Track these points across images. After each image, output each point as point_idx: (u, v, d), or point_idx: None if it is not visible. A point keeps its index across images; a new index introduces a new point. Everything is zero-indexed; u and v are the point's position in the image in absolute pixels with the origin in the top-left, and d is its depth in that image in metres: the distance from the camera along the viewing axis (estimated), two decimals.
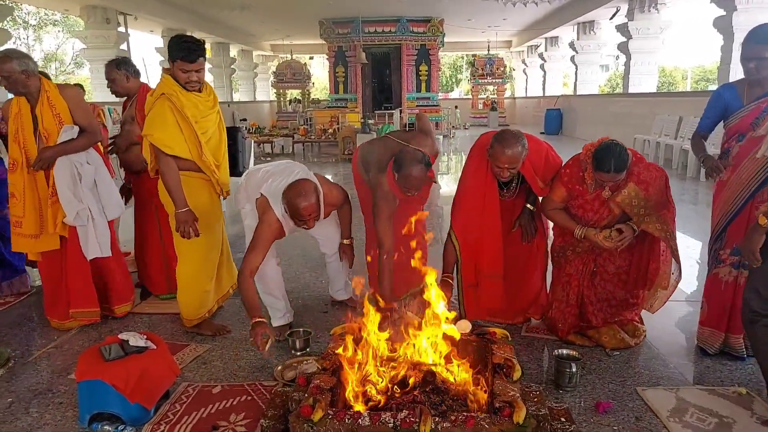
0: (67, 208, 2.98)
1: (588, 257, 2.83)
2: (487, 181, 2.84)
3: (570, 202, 2.78)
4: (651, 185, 2.62)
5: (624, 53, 13.87)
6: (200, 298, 3.08)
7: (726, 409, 2.30)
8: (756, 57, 2.45)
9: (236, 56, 22.55)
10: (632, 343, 2.83)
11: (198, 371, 2.69)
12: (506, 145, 2.63)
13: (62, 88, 3.05)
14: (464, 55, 32.92)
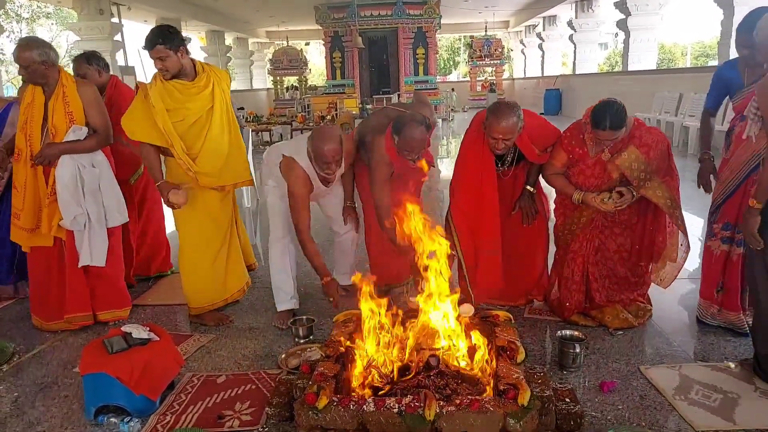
0: (64, 211, 2.88)
1: (592, 233, 2.82)
2: (484, 155, 2.80)
3: (571, 169, 2.76)
4: (652, 149, 2.61)
5: (623, 30, 13.72)
6: (202, 286, 3.07)
7: (730, 384, 2.31)
8: (748, 45, 2.48)
9: (232, 44, 22.37)
10: (635, 323, 2.83)
11: (202, 361, 2.70)
12: (501, 116, 2.60)
13: (80, 85, 2.94)
14: (461, 37, 32.63)
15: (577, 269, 2.86)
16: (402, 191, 2.94)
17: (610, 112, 2.48)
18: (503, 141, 2.64)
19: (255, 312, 3.28)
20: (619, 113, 2.50)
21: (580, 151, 2.71)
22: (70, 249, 2.98)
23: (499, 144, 2.66)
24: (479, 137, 2.81)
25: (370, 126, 3.15)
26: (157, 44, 2.71)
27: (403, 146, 2.77)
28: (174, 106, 2.81)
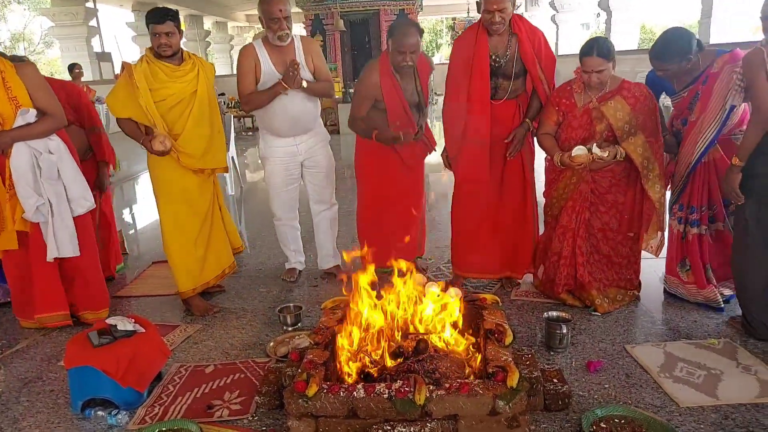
0: (24, 202, 2.68)
1: (582, 206, 2.83)
2: (478, 44, 2.81)
3: (561, 127, 2.81)
4: (638, 101, 2.67)
5: (605, 10, 13.72)
6: (184, 269, 3.05)
7: (713, 361, 2.35)
8: (662, 69, 2.69)
9: (211, 29, 21.97)
10: (611, 308, 2.86)
11: (189, 351, 2.68)
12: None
13: (19, 67, 2.69)
14: (444, 18, 32.40)
15: (567, 244, 2.87)
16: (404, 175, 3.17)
17: (598, 41, 2.65)
18: (498, 13, 2.67)
19: (242, 300, 3.26)
20: (606, 43, 2.64)
21: (567, 102, 2.77)
22: (35, 243, 2.81)
23: (495, 17, 2.68)
24: (471, 34, 2.86)
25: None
26: (168, 19, 2.78)
27: (396, 47, 2.86)
28: (157, 86, 2.84)
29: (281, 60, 3.02)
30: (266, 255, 4.05)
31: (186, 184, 3.01)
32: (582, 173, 2.76)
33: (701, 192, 2.74)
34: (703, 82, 2.64)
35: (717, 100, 2.55)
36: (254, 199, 6.09)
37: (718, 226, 2.80)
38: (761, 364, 2.30)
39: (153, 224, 5.30)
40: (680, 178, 2.78)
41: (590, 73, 2.62)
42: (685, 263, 2.87)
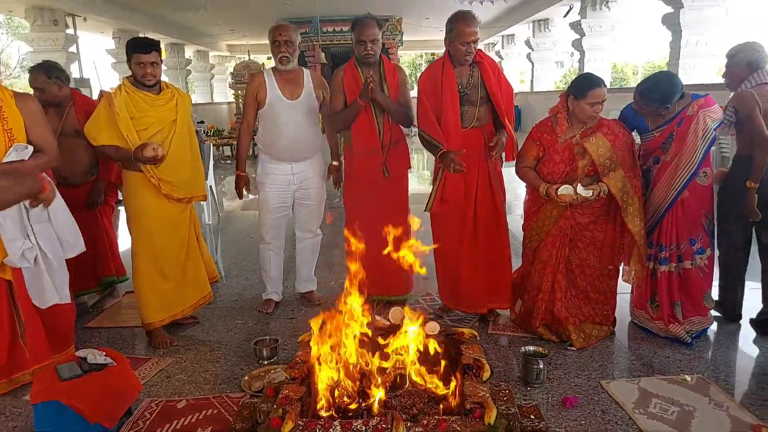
0: (9, 246, 2.42)
1: (562, 241, 2.87)
2: (446, 76, 2.94)
3: (541, 161, 2.87)
4: (617, 137, 2.76)
5: (578, 50, 14.19)
6: (152, 297, 2.99)
7: (686, 397, 2.38)
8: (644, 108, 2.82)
9: (192, 57, 22.05)
10: (586, 344, 2.87)
11: (161, 386, 2.61)
12: (468, 18, 2.85)
13: (21, 99, 2.56)
14: (423, 53, 33.09)
15: (546, 278, 2.90)
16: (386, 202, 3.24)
17: (596, 76, 2.77)
18: (473, 43, 2.83)
19: (217, 332, 3.21)
20: (599, 77, 2.77)
21: (548, 137, 2.84)
22: (21, 292, 2.54)
23: (470, 47, 2.84)
24: (437, 67, 3.00)
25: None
26: (153, 49, 2.84)
27: (357, 37, 3.13)
28: (138, 114, 2.86)
29: (287, 85, 3.18)
30: (242, 285, 4.00)
31: (164, 213, 2.98)
32: (562, 208, 2.82)
33: (670, 230, 2.83)
34: (678, 123, 2.74)
35: (693, 142, 2.68)
36: (231, 228, 6.03)
37: (685, 264, 2.86)
38: (732, 401, 2.34)
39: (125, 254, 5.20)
40: (651, 215, 2.86)
41: (597, 104, 2.71)
42: (654, 300, 2.93)
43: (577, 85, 2.75)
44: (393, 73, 3.30)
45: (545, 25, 16.80)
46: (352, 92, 3.18)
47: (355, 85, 3.17)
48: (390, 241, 2.36)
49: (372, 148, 3.22)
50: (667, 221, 2.83)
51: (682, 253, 2.85)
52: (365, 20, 3.17)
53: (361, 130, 3.23)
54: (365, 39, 3.12)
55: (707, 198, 2.85)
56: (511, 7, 15.97)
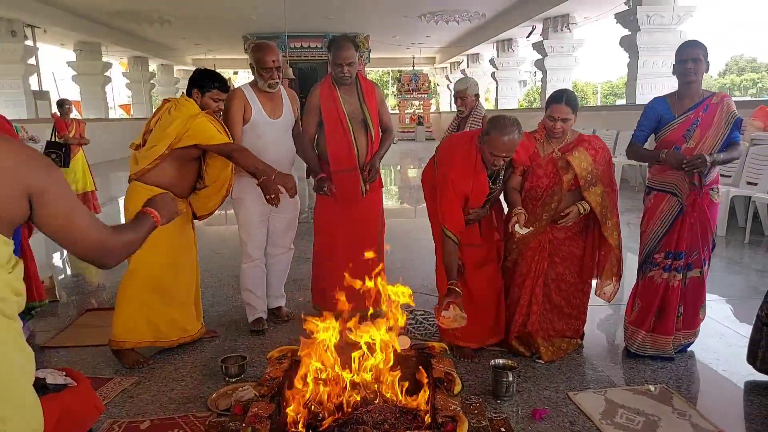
0: None
1: (541, 255, 2.89)
2: (477, 170, 2.73)
3: (526, 175, 2.87)
4: (598, 153, 2.81)
5: (540, 70, 14.61)
6: (132, 318, 2.90)
7: (650, 407, 2.43)
8: (691, 57, 2.72)
9: (156, 71, 21.76)
10: (554, 357, 2.91)
11: (124, 406, 2.52)
12: (506, 131, 2.54)
13: None
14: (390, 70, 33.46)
15: (525, 292, 2.91)
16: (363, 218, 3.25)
17: (568, 92, 2.77)
18: (504, 158, 2.62)
19: (182, 350, 3.12)
20: (574, 96, 2.78)
21: (532, 148, 2.85)
22: None
23: (500, 161, 2.62)
24: (469, 159, 2.73)
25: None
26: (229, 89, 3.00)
27: (333, 59, 3.14)
28: None
29: (268, 103, 3.15)
30: (209, 302, 3.92)
31: (177, 231, 2.95)
32: (543, 223, 2.85)
33: (689, 235, 2.80)
34: (705, 109, 2.74)
35: (717, 126, 2.71)
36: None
37: (694, 272, 2.87)
38: (694, 409, 2.41)
39: (87, 270, 5.05)
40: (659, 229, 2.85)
41: (556, 121, 2.73)
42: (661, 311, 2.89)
43: (551, 95, 2.82)
44: (371, 92, 3.32)
45: (509, 45, 17.25)
46: (329, 110, 3.19)
47: (332, 104, 3.19)
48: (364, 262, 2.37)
49: (349, 167, 3.22)
50: (687, 224, 2.79)
51: (693, 261, 2.85)
52: (342, 42, 3.17)
53: (338, 148, 3.22)
54: (341, 62, 3.12)
55: (715, 216, 2.86)
56: (475, 27, 16.35)
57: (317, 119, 3.25)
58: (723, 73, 49.18)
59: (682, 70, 2.76)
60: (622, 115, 9.91)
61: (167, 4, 12.75)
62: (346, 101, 3.22)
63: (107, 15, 13.65)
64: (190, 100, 2.92)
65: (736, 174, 5.85)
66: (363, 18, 15.10)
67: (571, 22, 13.17)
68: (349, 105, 3.23)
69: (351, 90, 3.25)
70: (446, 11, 14.11)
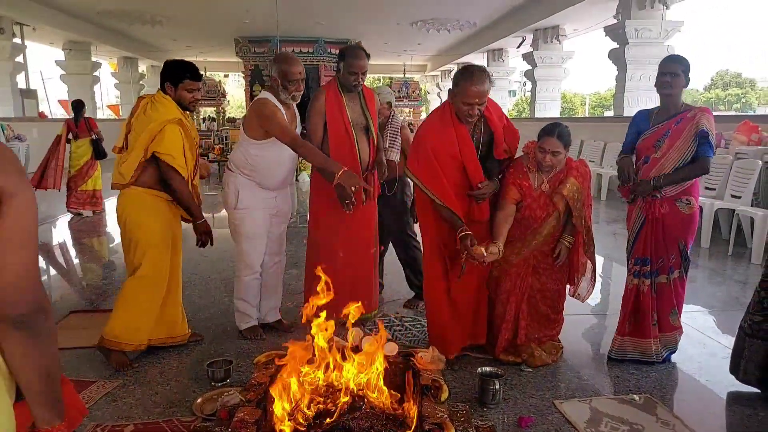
0: None
1: (525, 271, 2.91)
2: (454, 123, 2.76)
3: (520, 206, 2.87)
4: (584, 178, 2.86)
5: (530, 80, 14.74)
6: (136, 320, 2.89)
7: (634, 416, 2.45)
8: (669, 71, 2.82)
9: (145, 72, 21.64)
10: (549, 360, 2.95)
11: (107, 410, 2.49)
12: (476, 78, 2.61)
13: None
14: (381, 77, 33.57)
15: (510, 308, 2.92)
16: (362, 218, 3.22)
17: (560, 126, 2.78)
18: (478, 105, 2.64)
19: (167, 353, 3.09)
20: (567, 131, 2.79)
21: (525, 183, 2.86)
22: None
23: (474, 109, 2.64)
24: (445, 118, 2.79)
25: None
26: (201, 76, 2.91)
27: (348, 68, 3.12)
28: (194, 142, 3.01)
29: (288, 116, 3.09)
30: (196, 306, 3.90)
31: (175, 231, 3.01)
32: (528, 241, 2.88)
33: (650, 243, 2.88)
34: (677, 122, 2.81)
35: (685, 140, 2.76)
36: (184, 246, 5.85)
37: (661, 278, 2.93)
38: (677, 419, 2.43)
39: (71, 271, 5.00)
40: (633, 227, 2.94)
41: (546, 153, 2.74)
42: (636, 316, 2.97)
43: (543, 129, 2.80)
44: (372, 99, 3.33)
45: (499, 55, 17.39)
46: (335, 117, 3.17)
47: (337, 110, 3.17)
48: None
49: None
50: (649, 232, 2.87)
51: (659, 267, 2.92)
52: (358, 51, 3.17)
53: (340, 155, 3.15)
54: (357, 71, 3.13)
55: (687, 227, 2.86)
56: (466, 36, 16.47)
57: (323, 122, 3.22)
58: (708, 88, 49.94)
59: (660, 83, 2.86)
60: (610, 126, 10.02)
61: (158, 5, 12.70)
62: (350, 108, 3.21)
63: (97, 14, 13.56)
64: (166, 98, 2.89)
65: (720, 187, 5.93)
66: (355, 24, 15.15)
67: (561, 34, 13.31)
68: (353, 111, 3.23)
69: (354, 96, 3.26)
70: (438, 19, 14.19)
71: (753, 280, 4.22)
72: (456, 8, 12.97)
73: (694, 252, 5.19)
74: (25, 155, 10.93)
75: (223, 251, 5.30)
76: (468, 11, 13.37)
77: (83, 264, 5.37)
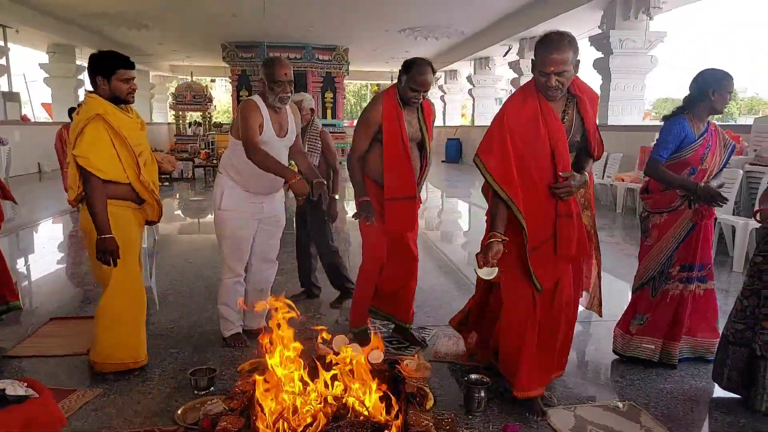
0: None
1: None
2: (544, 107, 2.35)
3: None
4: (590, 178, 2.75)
5: (516, 88, 14.86)
6: (131, 338, 2.83)
7: (619, 424, 2.46)
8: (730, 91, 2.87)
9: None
10: None
11: (88, 419, 2.45)
12: (550, 45, 2.24)
13: None
14: (368, 83, 33.65)
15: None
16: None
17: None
18: (557, 78, 2.25)
19: (149, 363, 3.03)
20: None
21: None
22: None
23: (552, 80, 2.25)
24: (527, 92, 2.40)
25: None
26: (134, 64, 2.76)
27: (411, 83, 2.91)
28: (134, 138, 2.77)
29: (277, 121, 3.04)
30: (178, 313, 3.85)
31: (135, 238, 2.88)
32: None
33: (700, 248, 2.96)
34: (711, 134, 2.91)
35: (720, 153, 2.91)
36: (167, 252, 5.81)
37: (709, 285, 3.03)
38: (661, 426, 2.44)
39: (51, 277, 4.93)
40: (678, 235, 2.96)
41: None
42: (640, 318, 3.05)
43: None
44: (430, 112, 3.19)
45: (486, 63, 17.53)
46: (393, 132, 2.97)
47: (396, 125, 2.96)
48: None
49: (408, 195, 3.01)
50: (695, 239, 2.94)
51: (707, 273, 3.02)
52: (425, 67, 2.92)
53: (397, 174, 2.98)
54: (419, 89, 2.93)
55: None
56: (454, 44, 16.58)
57: (372, 134, 3.02)
58: None
59: (722, 100, 2.87)
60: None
61: (145, 9, 12.62)
62: (408, 122, 3.03)
63: (83, 18, 13.44)
64: (91, 96, 2.70)
65: None
66: (344, 31, 15.17)
67: None
68: (411, 126, 3.04)
69: (413, 110, 3.07)
70: (427, 27, 14.27)
71: (735, 288, 4.29)
72: (444, 17, 13.07)
73: None
74: (7, 159, 10.77)
75: (207, 258, 5.26)
76: (456, 20, 13.47)
77: (66, 269, 5.29)
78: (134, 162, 2.74)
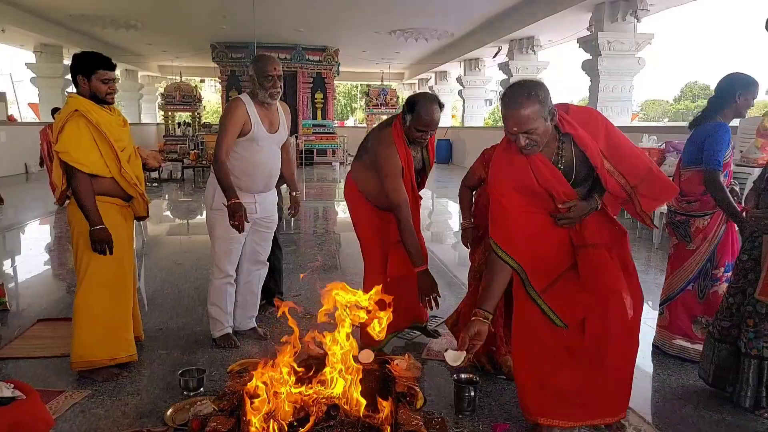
0: None
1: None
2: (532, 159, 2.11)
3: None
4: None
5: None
6: (108, 336, 2.80)
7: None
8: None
9: (120, 76, 21.31)
10: None
11: (76, 421, 2.43)
12: (510, 100, 1.99)
13: None
14: (359, 84, 33.66)
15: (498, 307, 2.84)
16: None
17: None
18: (526, 136, 2.00)
19: (138, 363, 3.02)
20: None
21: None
22: None
23: (521, 140, 2.01)
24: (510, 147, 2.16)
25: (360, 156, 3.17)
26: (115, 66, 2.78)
27: (418, 124, 2.81)
28: (115, 134, 2.77)
29: (267, 117, 3.04)
30: (168, 314, 3.83)
31: (128, 234, 2.89)
32: None
33: (733, 251, 3.01)
34: None
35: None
36: (157, 253, 5.77)
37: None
38: (649, 425, 2.47)
39: (38, 279, 4.88)
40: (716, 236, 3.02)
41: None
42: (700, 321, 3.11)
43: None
44: (433, 144, 3.17)
45: (476, 65, 17.59)
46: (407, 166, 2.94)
47: (407, 167, 2.93)
48: None
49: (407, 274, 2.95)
50: (730, 239, 3.01)
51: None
52: (433, 107, 2.81)
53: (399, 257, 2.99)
54: (426, 129, 2.85)
55: None
56: (444, 45, 16.62)
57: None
58: (678, 99, 51.24)
59: (746, 105, 2.91)
60: None
61: (133, 10, 12.53)
62: (414, 158, 3.04)
63: (70, 18, 13.32)
64: (73, 96, 2.75)
65: None
66: (334, 32, 15.17)
67: (536, 45, 13.53)
68: (416, 160, 3.07)
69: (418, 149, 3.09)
70: (416, 29, 14.30)
71: None
72: (434, 18, 13.10)
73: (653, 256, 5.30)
74: None
75: (197, 259, 5.24)
76: (445, 21, 13.50)
77: (53, 271, 5.24)
78: (115, 156, 2.75)
